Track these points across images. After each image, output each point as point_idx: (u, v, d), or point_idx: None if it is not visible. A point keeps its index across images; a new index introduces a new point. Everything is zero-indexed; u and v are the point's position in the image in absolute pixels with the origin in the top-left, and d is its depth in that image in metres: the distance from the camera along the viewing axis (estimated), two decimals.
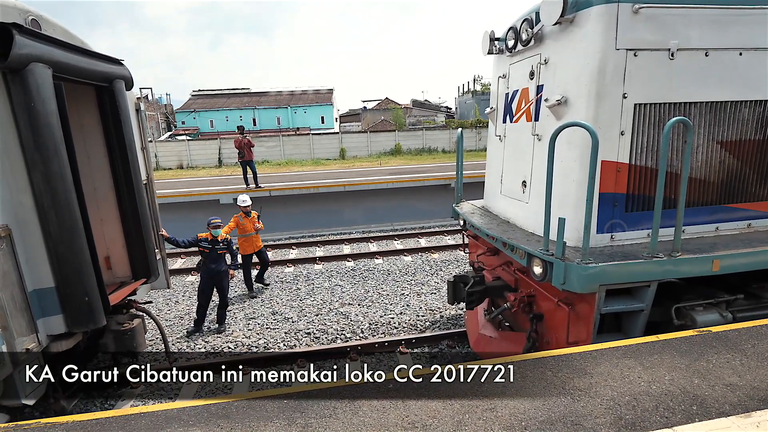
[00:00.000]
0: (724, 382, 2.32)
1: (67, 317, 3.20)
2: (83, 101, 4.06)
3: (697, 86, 3.22)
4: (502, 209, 4.50)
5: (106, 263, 4.34)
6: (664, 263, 3.03)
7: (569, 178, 3.27)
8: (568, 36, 3.25)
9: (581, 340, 3.22)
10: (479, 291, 4.36)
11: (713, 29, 3.15)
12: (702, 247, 3.27)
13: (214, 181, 15.09)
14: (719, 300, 3.37)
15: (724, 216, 3.55)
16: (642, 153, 3.25)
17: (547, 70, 3.53)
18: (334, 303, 6.51)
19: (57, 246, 3.06)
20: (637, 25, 3.00)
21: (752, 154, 3.48)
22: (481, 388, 2.34)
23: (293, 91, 44.27)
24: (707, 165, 3.41)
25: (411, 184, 12.61)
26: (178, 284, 7.64)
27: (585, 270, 2.91)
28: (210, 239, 5.54)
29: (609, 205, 3.26)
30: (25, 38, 2.81)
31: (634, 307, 3.15)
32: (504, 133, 4.40)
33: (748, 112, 3.37)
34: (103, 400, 4.36)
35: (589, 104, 3.12)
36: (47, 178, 2.95)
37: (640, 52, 3.05)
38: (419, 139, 27.61)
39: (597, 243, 3.29)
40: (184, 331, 5.75)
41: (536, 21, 3.53)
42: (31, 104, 2.85)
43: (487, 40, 4.37)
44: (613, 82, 3.07)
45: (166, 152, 25.08)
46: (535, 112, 3.74)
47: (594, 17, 3.03)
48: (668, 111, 3.21)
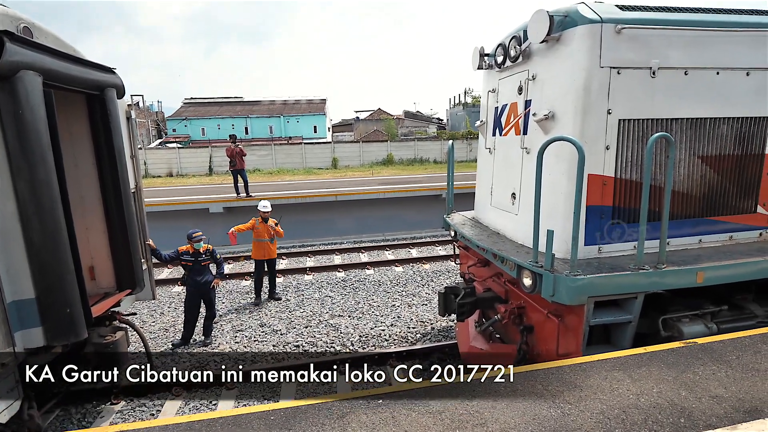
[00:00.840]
0: (710, 394, 2.34)
1: (47, 329, 3.10)
2: (73, 109, 4.01)
3: (677, 103, 3.34)
4: (492, 220, 4.55)
5: (90, 273, 4.24)
6: (651, 275, 3.08)
7: (557, 191, 3.33)
8: (555, 54, 3.36)
9: (571, 352, 3.24)
10: (470, 302, 4.36)
11: (692, 50, 3.29)
12: (686, 259, 3.34)
13: (204, 189, 14.95)
14: (704, 311, 3.43)
15: (707, 228, 3.63)
16: (627, 167, 3.33)
17: (534, 86, 3.63)
18: (324, 314, 6.44)
19: (39, 255, 2.98)
20: (620, 45, 3.12)
21: (731, 168, 3.59)
22: (471, 402, 2.33)
23: (286, 101, 44.37)
24: (690, 179, 3.51)
25: (403, 194, 12.66)
26: (164, 295, 7.49)
27: (574, 282, 2.95)
28: (192, 252, 5.44)
29: (596, 217, 3.32)
30: (17, 46, 2.78)
31: (621, 319, 3.19)
32: (494, 145, 4.48)
33: (726, 128, 3.50)
34: (81, 416, 4.22)
35: (575, 119, 3.21)
36: (33, 186, 2.89)
37: (623, 70, 3.16)
38: (411, 149, 27.82)
39: (585, 255, 3.33)
40: (169, 344, 5.62)
41: (524, 38, 3.65)
42: (20, 111, 2.80)
43: (477, 55, 4.48)
44: (598, 99, 3.16)
45: (156, 159, 24.83)
46: (523, 126, 3.83)
47: (579, 36, 3.14)
48: (651, 127, 3.31)
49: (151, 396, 4.48)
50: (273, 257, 7.04)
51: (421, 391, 2.45)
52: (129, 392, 4.50)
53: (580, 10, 3.15)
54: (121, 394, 4.44)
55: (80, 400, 4.40)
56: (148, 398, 4.46)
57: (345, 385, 4.60)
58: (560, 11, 3.24)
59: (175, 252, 5.36)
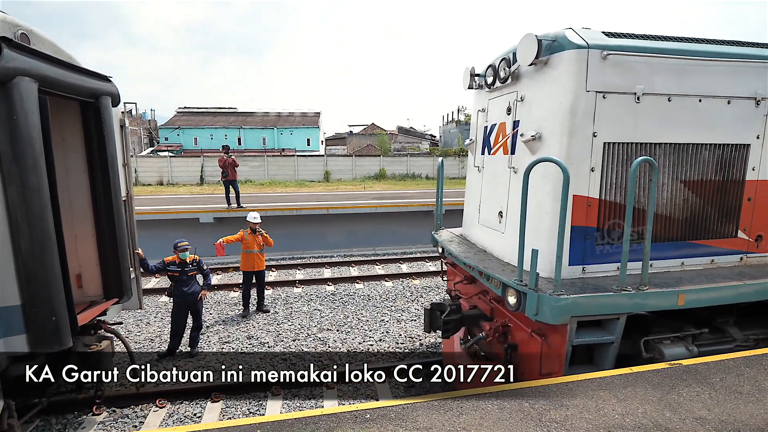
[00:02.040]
0: (694, 416, 2.38)
1: (31, 337, 3.04)
2: (67, 115, 4.01)
3: (661, 128, 3.44)
4: (479, 238, 4.59)
5: (77, 281, 4.17)
6: (633, 296, 3.12)
7: (543, 211, 3.39)
8: (543, 76, 3.45)
9: (554, 372, 3.24)
10: (455, 319, 4.32)
11: (675, 77, 3.41)
12: (668, 281, 3.39)
13: (194, 199, 14.85)
14: (686, 333, 3.47)
15: (689, 252, 3.71)
16: (612, 189, 3.41)
17: (523, 107, 3.72)
18: (312, 328, 6.39)
19: (27, 263, 2.94)
20: (605, 70, 3.23)
21: (713, 193, 3.69)
22: (458, 419, 2.33)
23: (280, 113, 44.59)
24: (673, 203, 3.60)
25: (394, 209, 12.71)
26: (151, 305, 7.37)
27: (557, 301, 2.97)
28: (178, 262, 5.38)
29: (581, 238, 3.38)
30: (13, 52, 2.80)
31: (604, 340, 3.21)
32: (482, 164, 4.55)
33: (708, 154, 3.61)
34: (62, 427, 4.10)
35: (561, 141, 3.28)
36: (23, 192, 2.87)
37: (608, 95, 3.26)
38: (404, 164, 28.02)
39: (569, 275, 3.37)
40: (155, 355, 5.51)
41: (513, 60, 3.75)
42: (14, 117, 2.81)
43: (467, 75, 4.59)
44: (583, 122, 3.25)
45: (147, 167, 24.61)
46: (511, 145, 3.91)
47: (566, 61, 3.24)
48: (635, 150, 3.41)
49: (133, 407, 4.38)
50: (262, 269, 7.00)
51: (408, 407, 2.44)
52: (111, 403, 4.39)
53: (567, 36, 3.26)
54: (103, 405, 4.32)
55: (61, 410, 4.27)
56: (131, 409, 4.35)
57: (332, 400, 4.55)
58: (549, 36, 3.35)
59: (162, 263, 5.29)
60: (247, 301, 7.01)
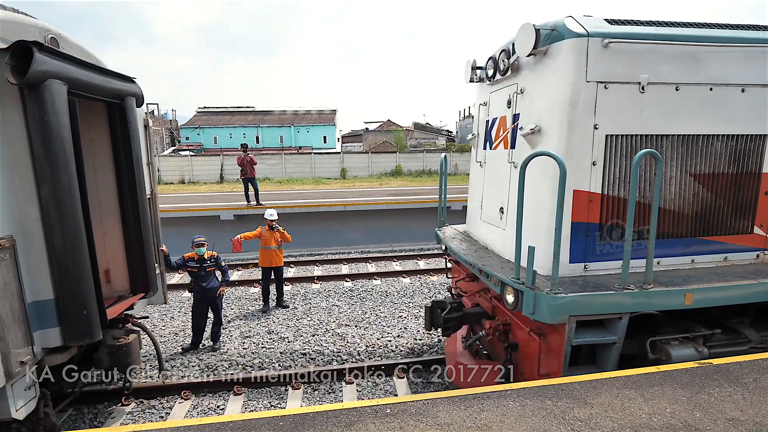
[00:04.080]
0: (726, 417, 2.30)
1: (64, 330, 3.17)
2: (94, 116, 4.14)
3: (668, 119, 3.26)
4: (482, 235, 4.49)
5: (105, 276, 4.32)
6: (636, 295, 2.97)
7: (542, 207, 3.26)
8: (542, 67, 3.31)
9: (552, 372, 3.14)
10: (456, 317, 4.25)
11: (683, 65, 3.21)
12: (675, 279, 3.21)
13: (215, 197, 15.15)
14: (696, 334, 3.29)
15: (700, 248, 3.51)
16: (614, 183, 3.25)
17: (522, 100, 3.59)
18: (330, 323, 6.44)
19: (59, 258, 3.07)
20: (607, 59, 3.07)
21: (726, 187, 3.47)
22: (479, 416, 2.31)
23: (297, 111, 45.00)
24: (681, 197, 3.40)
25: (411, 206, 12.68)
26: (174, 300, 7.57)
27: (554, 300, 2.86)
28: (196, 258, 5.50)
29: (582, 234, 3.23)
30: (44, 56, 2.90)
31: (605, 340, 3.08)
32: (484, 159, 4.44)
33: (720, 145, 3.39)
34: (93, 416, 4.26)
35: (561, 134, 3.15)
36: (56, 191, 2.99)
37: (610, 85, 3.10)
38: (420, 161, 27.92)
39: (570, 273, 3.25)
40: (179, 348, 5.67)
41: (513, 52, 3.61)
42: (45, 118, 2.91)
43: (469, 68, 4.47)
44: (584, 114, 3.10)
45: (169, 167, 25.25)
46: (511, 140, 3.78)
47: (565, 50, 3.09)
48: (639, 143, 3.24)
49: (160, 398, 4.52)
50: (280, 265, 7.10)
51: (428, 403, 2.44)
52: (139, 394, 4.54)
53: (567, 24, 3.11)
54: (131, 396, 4.48)
55: (92, 401, 4.45)
56: (157, 400, 4.49)
57: (351, 395, 4.58)
58: (548, 25, 3.20)
59: (182, 259, 5.43)
60: (267, 296, 7.12)
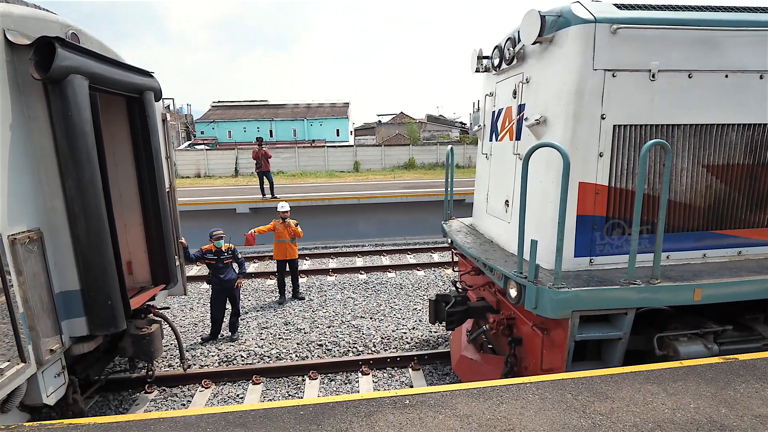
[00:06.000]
0: (753, 413, 2.24)
1: (90, 320, 3.27)
2: (113, 111, 4.22)
3: (680, 108, 3.11)
4: (488, 228, 4.40)
5: (128, 268, 4.43)
6: (642, 290, 2.87)
7: (547, 199, 3.17)
8: (549, 55, 3.19)
9: (555, 368, 3.08)
10: (460, 311, 4.19)
11: (697, 51, 3.04)
12: (685, 274, 3.10)
13: (230, 190, 15.35)
14: (706, 330, 3.18)
15: (712, 242, 3.38)
16: (622, 175, 3.13)
17: (528, 90, 3.48)
18: (346, 315, 6.49)
19: (84, 250, 3.15)
20: (615, 46, 2.93)
21: (742, 179, 3.31)
22: (499, 408, 2.30)
23: (310, 104, 45.08)
24: (693, 189, 3.26)
25: (424, 198, 12.62)
26: (194, 291, 7.73)
27: (557, 294, 2.79)
28: (214, 251, 5.58)
29: (588, 227, 3.13)
30: (66, 51, 2.95)
31: (610, 336, 2.99)
32: (490, 151, 4.33)
33: (736, 135, 3.23)
34: (118, 403, 4.41)
35: (566, 125, 3.04)
36: (79, 185, 3.06)
37: (618, 73, 2.97)
38: (433, 153, 27.73)
39: (575, 267, 3.16)
40: (198, 338, 5.79)
41: (519, 40, 3.48)
42: (68, 113, 2.98)
43: (474, 58, 4.35)
44: (590, 103, 2.98)
45: (185, 161, 25.66)
46: (517, 131, 3.67)
47: (571, 37, 2.97)
48: (649, 133, 3.10)
49: (181, 386, 4.64)
50: (294, 257, 7.16)
51: (447, 395, 2.44)
52: (162, 382, 4.67)
53: (573, 10, 2.97)
54: (154, 384, 4.61)
55: (117, 388, 4.60)
56: (179, 388, 4.61)
57: (368, 386, 4.63)
58: (554, 11, 3.07)
59: (200, 251, 5.53)
60: (283, 288, 7.21)
